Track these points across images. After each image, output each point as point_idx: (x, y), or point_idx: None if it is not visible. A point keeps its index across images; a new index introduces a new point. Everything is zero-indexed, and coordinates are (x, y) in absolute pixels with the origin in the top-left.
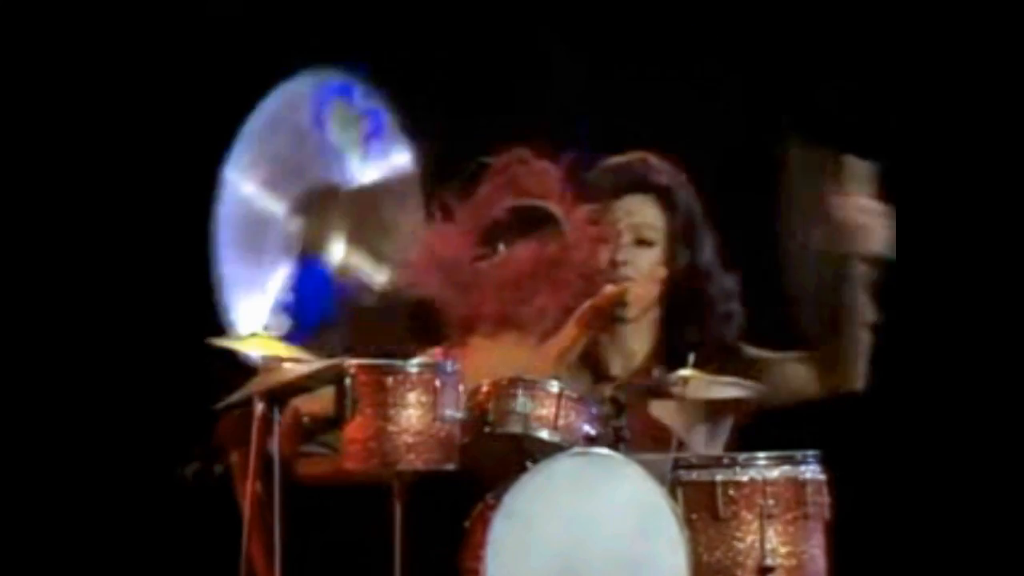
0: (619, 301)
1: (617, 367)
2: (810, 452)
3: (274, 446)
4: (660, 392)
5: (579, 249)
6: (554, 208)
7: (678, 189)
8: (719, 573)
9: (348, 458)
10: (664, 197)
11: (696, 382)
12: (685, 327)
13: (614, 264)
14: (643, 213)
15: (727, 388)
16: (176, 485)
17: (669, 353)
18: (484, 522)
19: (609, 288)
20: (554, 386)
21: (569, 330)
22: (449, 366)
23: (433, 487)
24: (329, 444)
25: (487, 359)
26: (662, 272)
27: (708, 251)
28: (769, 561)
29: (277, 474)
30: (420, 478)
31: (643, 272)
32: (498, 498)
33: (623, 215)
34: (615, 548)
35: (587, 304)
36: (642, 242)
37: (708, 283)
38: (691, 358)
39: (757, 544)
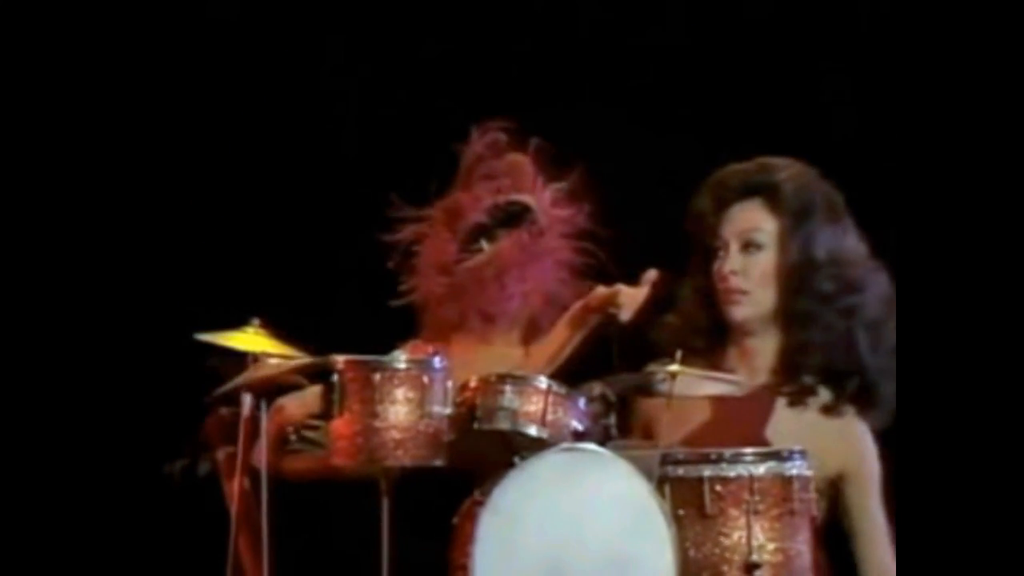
0: (611, 302)
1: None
2: (796, 448)
3: (261, 445)
4: (646, 389)
5: (552, 235)
6: (530, 201)
7: (785, 183)
8: (706, 569)
9: (336, 454)
10: (772, 196)
11: (683, 378)
12: (806, 328)
13: (722, 277)
14: (746, 218)
15: (715, 385)
16: (163, 482)
17: (793, 359)
18: (472, 518)
19: (600, 289)
20: (542, 382)
21: (560, 331)
22: (437, 362)
23: (421, 483)
24: (316, 442)
25: (478, 360)
26: (774, 276)
27: (825, 241)
28: (756, 557)
29: (264, 473)
30: (408, 474)
31: (755, 278)
32: (486, 494)
33: (726, 227)
34: (603, 544)
35: (578, 305)
36: (750, 246)
37: (822, 276)
38: (679, 354)
39: (744, 540)
